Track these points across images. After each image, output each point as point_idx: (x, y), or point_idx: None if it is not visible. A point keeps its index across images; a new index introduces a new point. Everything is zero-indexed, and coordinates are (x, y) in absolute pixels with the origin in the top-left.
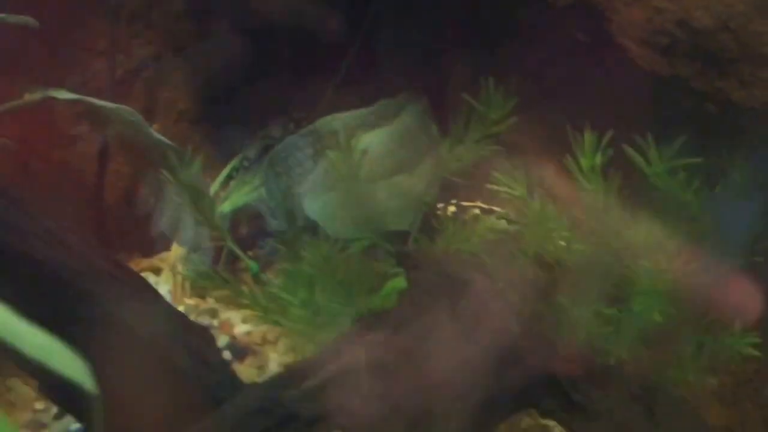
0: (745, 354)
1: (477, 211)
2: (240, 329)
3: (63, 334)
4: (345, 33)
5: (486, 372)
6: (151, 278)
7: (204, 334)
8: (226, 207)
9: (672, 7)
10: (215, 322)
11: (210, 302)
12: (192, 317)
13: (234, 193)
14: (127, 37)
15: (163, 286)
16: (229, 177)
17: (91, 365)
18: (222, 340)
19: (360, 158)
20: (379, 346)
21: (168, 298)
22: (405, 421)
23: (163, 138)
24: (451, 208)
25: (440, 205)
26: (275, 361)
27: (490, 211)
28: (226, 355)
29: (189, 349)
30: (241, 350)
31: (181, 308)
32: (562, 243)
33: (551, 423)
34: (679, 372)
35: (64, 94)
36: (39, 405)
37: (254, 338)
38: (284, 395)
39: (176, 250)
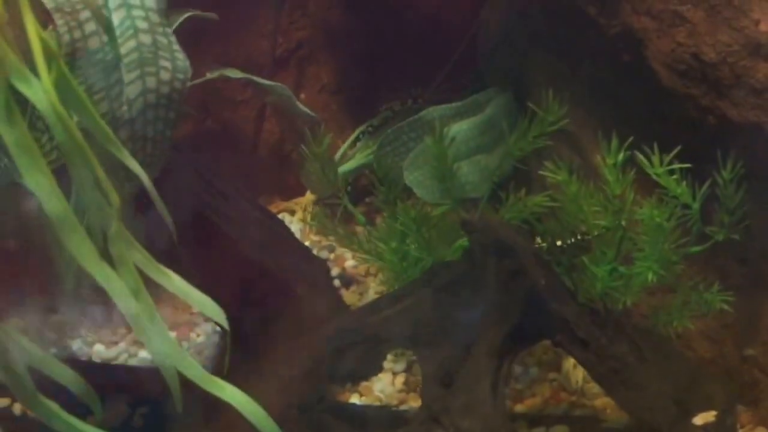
0: (718, 307)
1: None
2: (349, 263)
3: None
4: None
5: (515, 311)
6: (287, 218)
7: (323, 266)
8: (346, 167)
9: (689, 42)
10: (332, 256)
11: (329, 239)
12: (315, 251)
13: (357, 155)
14: (287, 22)
15: (296, 224)
16: (357, 139)
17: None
18: (335, 271)
19: (449, 143)
20: (440, 291)
21: (298, 234)
22: (451, 341)
23: (307, 109)
24: None
25: None
26: (373, 289)
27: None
28: (337, 283)
29: (308, 279)
30: (348, 280)
31: (307, 243)
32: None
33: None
34: (668, 318)
35: (235, 73)
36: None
37: (359, 271)
38: (369, 320)
39: (308, 197)
